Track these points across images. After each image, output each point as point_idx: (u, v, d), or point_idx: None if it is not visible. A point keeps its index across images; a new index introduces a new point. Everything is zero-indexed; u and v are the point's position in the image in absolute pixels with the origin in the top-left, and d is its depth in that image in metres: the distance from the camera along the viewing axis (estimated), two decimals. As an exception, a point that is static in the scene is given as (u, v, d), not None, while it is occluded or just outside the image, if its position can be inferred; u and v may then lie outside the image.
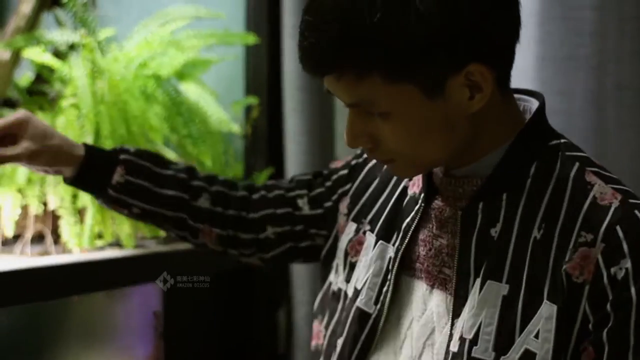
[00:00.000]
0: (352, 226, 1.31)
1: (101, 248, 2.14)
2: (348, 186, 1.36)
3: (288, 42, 2.39)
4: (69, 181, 1.38)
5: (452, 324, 1.07)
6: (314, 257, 1.46)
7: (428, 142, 1.04)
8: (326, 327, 1.30)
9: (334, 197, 1.39)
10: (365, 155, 1.34)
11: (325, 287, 1.36)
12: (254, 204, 1.44)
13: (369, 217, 1.27)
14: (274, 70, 2.50)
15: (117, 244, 2.18)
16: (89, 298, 2.11)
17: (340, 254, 1.32)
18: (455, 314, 1.07)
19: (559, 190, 1.03)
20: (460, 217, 1.08)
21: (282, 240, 1.45)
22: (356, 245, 1.28)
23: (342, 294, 1.28)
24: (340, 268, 1.30)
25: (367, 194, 1.31)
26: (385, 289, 1.18)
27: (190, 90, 2.26)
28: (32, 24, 2.20)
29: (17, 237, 1.97)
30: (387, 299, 1.17)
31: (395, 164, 1.10)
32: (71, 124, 1.99)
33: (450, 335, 1.07)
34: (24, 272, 1.75)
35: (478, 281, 1.04)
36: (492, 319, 1.02)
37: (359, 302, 1.21)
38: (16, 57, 2.17)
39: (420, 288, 1.15)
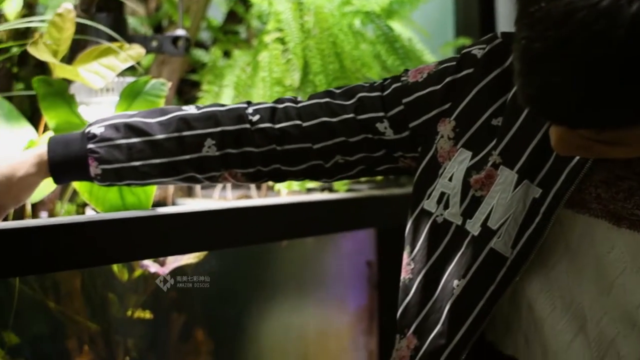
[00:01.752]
0: (465, 154, 1.19)
1: (311, 191, 2.01)
2: (447, 106, 1.22)
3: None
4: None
5: None
6: (392, 174, 1.40)
7: None
8: (421, 261, 1.23)
9: (425, 116, 1.25)
10: (465, 71, 1.21)
11: (416, 213, 1.26)
12: (311, 134, 1.31)
13: (499, 149, 1.15)
14: (487, 10, 2.25)
15: (328, 188, 2.05)
16: (299, 244, 1.99)
17: (451, 183, 1.20)
18: None
19: None
20: None
21: (353, 165, 1.34)
22: (483, 179, 1.15)
23: (454, 228, 1.19)
24: (455, 199, 1.19)
25: (487, 122, 1.18)
26: (529, 232, 1.10)
27: (399, 29, 2.08)
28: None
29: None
30: (534, 242, 1.09)
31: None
32: (276, 60, 1.88)
33: None
34: (231, 211, 1.63)
35: None
36: None
37: (494, 244, 1.12)
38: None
39: (597, 228, 1.07)
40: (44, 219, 1.65)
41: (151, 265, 1.63)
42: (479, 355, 1.18)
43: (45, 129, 1.64)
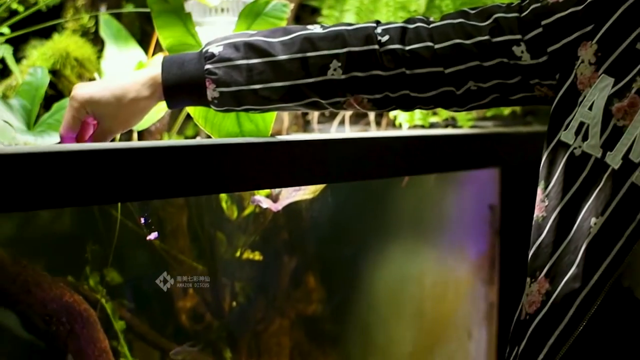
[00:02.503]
0: (606, 80, 1.10)
1: (433, 126, 1.87)
2: (589, 28, 1.13)
3: None
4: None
5: None
6: (527, 104, 1.30)
7: None
8: (556, 197, 1.14)
9: (565, 39, 1.16)
10: None
11: (552, 145, 1.17)
12: (443, 57, 1.22)
13: None
14: None
15: (452, 124, 1.90)
16: (418, 184, 1.85)
17: (591, 112, 1.11)
18: None
19: None
20: None
21: (486, 93, 1.26)
22: (626, 107, 1.06)
23: (592, 161, 1.10)
24: (595, 130, 1.10)
25: (631, 45, 1.09)
26: None
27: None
28: None
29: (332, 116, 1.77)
30: None
31: None
32: (400, -18, 1.74)
33: None
34: (350, 142, 1.50)
35: None
36: None
37: (636, 179, 1.04)
38: None
39: None
40: (153, 142, 1.55)
41: (263, 201, 1.52)
42: (614, 301, 1.10)
43: (155, 52, 1.55)
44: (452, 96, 1.27)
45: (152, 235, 1.52)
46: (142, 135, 1.61)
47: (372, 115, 1.82)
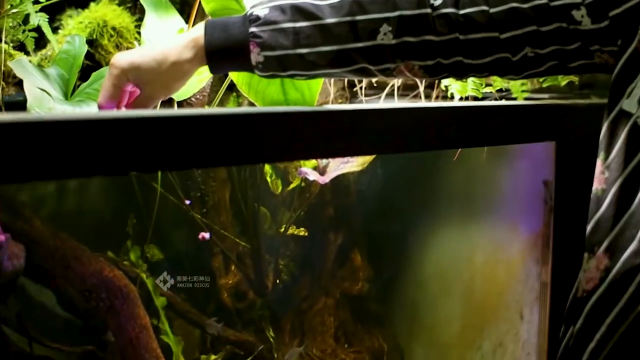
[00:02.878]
0: None
1: (486, 98, 1.79)
2: None
3: None
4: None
5: None
6: (586, 71, 1.21)
7: None
8: (617, 169, 1.08)
9: (628, 4, 1.10)
10: None
11: (613, 115, 1.10)
12: (499, 21, 1.15)
13: None
14: None
15: (505, 95, 1.82)
16: (470, 158, 1.78)
17: None
18: None
19: None
20: None
21: (544, 60, 1.17)
22: None
23: None
24: None
25: None
26: None
27: None
28: None
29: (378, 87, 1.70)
30: None
31: None
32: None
33: None
34: (400, 112, 1.42)
35: None
36: None
37: None
38: None
39: None
40: (193, 110, 1.50)
41: (310, 174, 1.46)
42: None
43: (196, 21, 1.50)
44: (508, 63, 1.20)
45: (188, 202, 1.48)
46: (182, 106, 1.56)
47: (421, 87, 1.75)
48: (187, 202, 1.48)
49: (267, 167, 1.70)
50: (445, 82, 1.70)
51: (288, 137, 1.25)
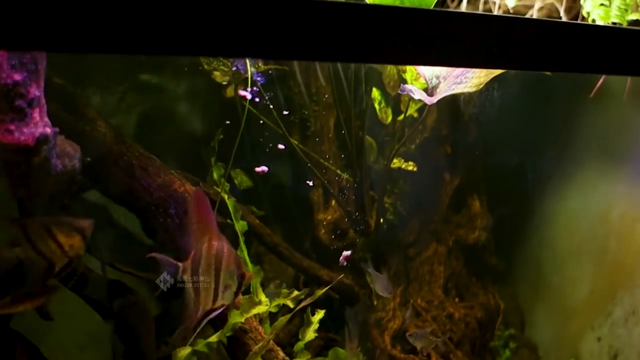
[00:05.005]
0: None
1: (633, 24, 1.54)
2: None
3: None
4: None
5: None
6: None
7: None
8: None
9: None
10: None
11: None
12: None
13: None
14: None
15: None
16: (610, 94, 1.54)
17: None
18: None
19: None
20: None
21: None
22: None
23: None
24: None
25: None
26: None
27: None
28: None
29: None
30: None
31: None
32: None
33: None
34: (530, 24, 1.21)
35: None
36: None
37: None
38: None
39: None
40: None
41: (415, 92, 1.27)
42: None
43: None
44: None
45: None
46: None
47: (562, 8, 1.52)
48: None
49: (376, 93, 1.53)
50: (587, 5, 1.47)
51: (398, 39, 1.08)
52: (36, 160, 1.03)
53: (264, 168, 1.33)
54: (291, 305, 1.21)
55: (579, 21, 1.60)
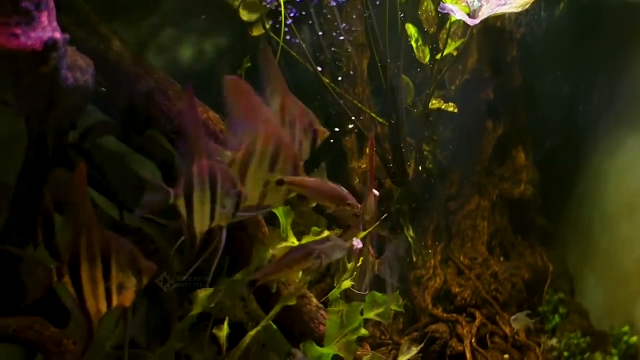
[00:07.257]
0: None
1: None
2: None
3: None
4: None
5: None
6: None
7: None
8: None
9: None
10: None
11: None
12: None
13: None
14: None
15: None
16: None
17: None
18: None
19: None
20: None
21: None
22: None
23: None
24: None
25: None
26: None
27: None
28: None
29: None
30: None
31: None
32: None
33: None
34: None
35: None
36: None
37: None
38: None
39: None
40: None
41: (457, 12, 1.17)
42: None
43: None
44: None
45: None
46: None
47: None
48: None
49: (413, 30, 1.42)
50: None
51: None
52: (45, 69, 0.94)
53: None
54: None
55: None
